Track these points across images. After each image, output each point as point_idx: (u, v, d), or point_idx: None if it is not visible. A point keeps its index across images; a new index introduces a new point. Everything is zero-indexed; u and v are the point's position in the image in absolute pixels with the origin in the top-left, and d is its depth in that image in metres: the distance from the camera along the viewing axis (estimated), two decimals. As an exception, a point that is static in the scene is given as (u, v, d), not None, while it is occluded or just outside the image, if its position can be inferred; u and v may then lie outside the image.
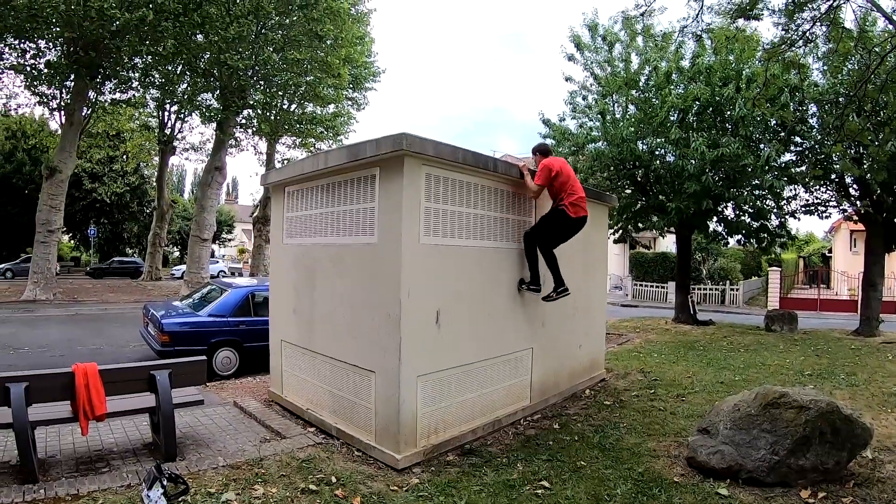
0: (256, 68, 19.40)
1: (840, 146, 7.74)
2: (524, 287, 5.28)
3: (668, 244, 29.72)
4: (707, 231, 13.75)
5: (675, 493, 3.70)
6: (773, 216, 12.73)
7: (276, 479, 3.72)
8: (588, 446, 4.66)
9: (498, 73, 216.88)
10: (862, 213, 11.67)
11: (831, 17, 6.79)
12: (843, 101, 9.57)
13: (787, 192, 12.51)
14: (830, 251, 36.98)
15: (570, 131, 13.32)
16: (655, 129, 11.64)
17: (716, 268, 26.20)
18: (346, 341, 4.62)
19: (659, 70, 11.67)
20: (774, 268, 23.70)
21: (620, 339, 10.89)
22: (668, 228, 13.89)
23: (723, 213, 13.07)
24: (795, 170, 11.95)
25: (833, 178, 12.02)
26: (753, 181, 11.45)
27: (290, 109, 24.05)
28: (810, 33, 6.87)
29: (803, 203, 13.23)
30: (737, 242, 14.83)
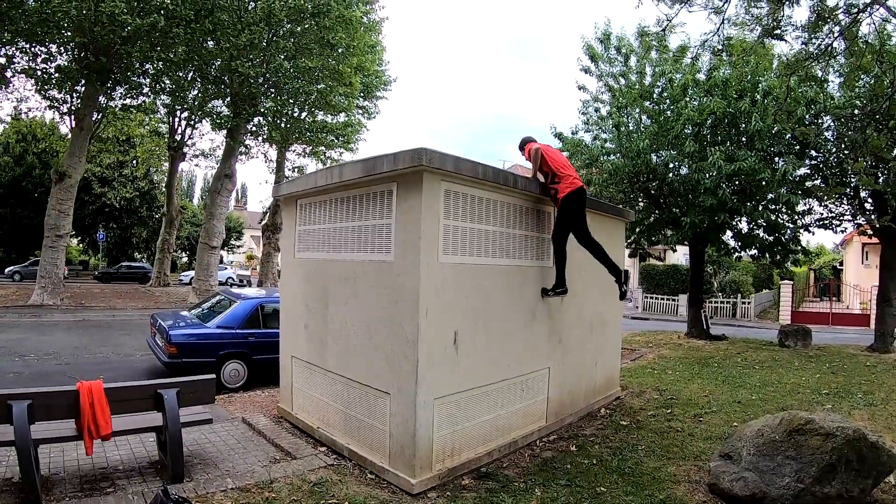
0: (267, 76, 19.38)
1: (862, 162, 7.60)
2: (550, 293, 5.20)
3: (679, 256, 29.53)
4: (720, 245, 13.57)
5: (702, 526, 3.55)
6: (788, 230, 12.54)
7: (287, 505, 3.59)
8: (607, 470, 4.53)
9: (508, 81, 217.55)
10: (878, 226, 11.48)
11: (854, 30, 6.68)
12: (862, 115, 9.42)
13: (800, 206, 12.33)
14: (841, 264, 36.54)
15: (584, 143, 13.21)
16: (670, 142, 11.51)
17: (727, 280, 25.93)
18: (360, 361, 4.49)
19: (674, 82, 11.55)
20: (787, 281, 23.17)
21: (633, 354, 10.72)
22: (683, 242, 13.71)
23: (737, 227, 12.89)
24: (810, 183, 11.78)
25: (847, 192, 11.86)
26: (768, 195, 11.29)
27: (301, 117, 23.94)
28: (830, 47, 6.76)
29: (817, 217, 13.07)
30: (750, 258, 14.60)
